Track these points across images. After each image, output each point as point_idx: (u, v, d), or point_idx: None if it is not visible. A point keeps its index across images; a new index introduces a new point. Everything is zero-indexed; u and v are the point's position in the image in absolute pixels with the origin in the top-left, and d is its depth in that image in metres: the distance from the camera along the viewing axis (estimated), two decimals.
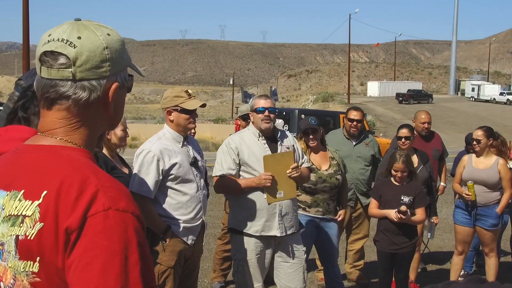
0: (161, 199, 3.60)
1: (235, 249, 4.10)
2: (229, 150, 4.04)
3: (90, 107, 1.27)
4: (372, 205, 4.95)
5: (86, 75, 1.24)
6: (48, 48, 1.24)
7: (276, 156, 4.02)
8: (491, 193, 5.45)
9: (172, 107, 3.65)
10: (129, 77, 1.36)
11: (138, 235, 1.17)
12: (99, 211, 1.14)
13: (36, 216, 1.16)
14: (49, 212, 1.15)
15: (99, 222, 1.14)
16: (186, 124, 3.68)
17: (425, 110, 6.53)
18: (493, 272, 5.58)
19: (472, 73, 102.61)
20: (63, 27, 1.26)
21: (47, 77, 1.25)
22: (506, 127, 32.68)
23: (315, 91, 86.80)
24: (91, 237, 1.13)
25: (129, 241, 1.15)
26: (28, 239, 1.16)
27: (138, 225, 1.19)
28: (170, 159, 3.57)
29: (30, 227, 1.16)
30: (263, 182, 3.91)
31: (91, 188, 1.17)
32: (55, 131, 1.27)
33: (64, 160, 1.22)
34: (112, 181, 1.22)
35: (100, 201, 1.15)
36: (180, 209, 3.62)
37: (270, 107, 4.11)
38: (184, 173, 3.62)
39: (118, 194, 1.19)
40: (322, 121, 16.95)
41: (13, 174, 1.25)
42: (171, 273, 3.58)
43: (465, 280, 0.86)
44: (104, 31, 1.27)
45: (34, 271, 1.17)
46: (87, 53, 1.23)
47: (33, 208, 1.17)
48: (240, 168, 4.06)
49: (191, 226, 3.67)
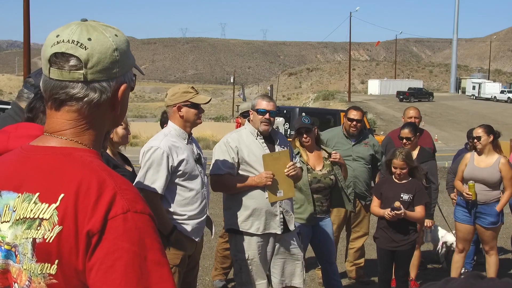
0: (168, 196, 3.61)
1: (237, 249, 4.09)
2: (228, 148, 4.03)
3: (99, 108, 1.27)
4: (374, 203, 4.96)
5: (97, 76, 1.25)
6: (59, 50, 1.23)
7: (274, 155, 4.04)
8: (491, 192, 5.46)
9: (182, 103, 3.67)
10: (134, 76, 1.37)
11: (156, 236, 1.20)
12: (119, 214, 1.16)
13: (55, 219, 1.17)
14: (68, 215, 1.16)
15: (120, 224, 1.15)
16: (196, 119, 3.73)
17: (413, 106, 6.49)
18: (493, 270, 5.60)
19: (473, 71, 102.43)
20: (72, 28, 1.25)
21: (58, 78, 1.24)
22: (506, 125, 32.64)
23: (315, 89, 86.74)
24: (113, 240, 1.14)
25: (148, 242, 1.17)
26: (47, 242, 1.17)
27: (154, 226, 1.22)
28: (178, 156, 3.59)
29: (49, 230, 1.17)
30: (264, 180, 3.93)
31: (109, 190, 1.18)
32: (64, 132, 1.27)
33: (78, 162, 1.23)
34: (127, 183, 1.24)
35: (119, 203, 1.17)
36: (187, 205, 3.63)
37: (272, 110, 4.10)
38: (191, 169, 3.64)
39: (134, 196, 1.21)
40: (322, 119, 17.17)
41: (23, 175, 1.24)
42: (176, 272, 3.59)
43: (465, 276, 0.87)
44: (112, 32, 1.28)
45: (52, 273, 1.18)
46: (98, 55, 1.24)
47: (51, 211, 1.18)
48: (239, 167, 4.05)
49: (198, 222, 3.69)
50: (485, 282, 0.84)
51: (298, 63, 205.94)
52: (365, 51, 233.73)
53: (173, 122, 3.73)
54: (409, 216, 4.71)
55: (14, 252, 1.22)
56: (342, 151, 5.68)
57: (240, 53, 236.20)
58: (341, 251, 6.29)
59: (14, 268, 1.23)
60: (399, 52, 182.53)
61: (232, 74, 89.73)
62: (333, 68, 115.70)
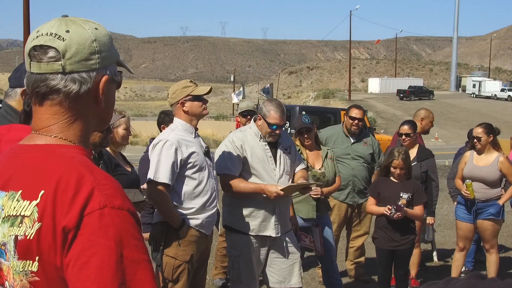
0: (179, 189, 3.61)
1: (231, 246, 4.08)
2: (235, 148, 4.00)
3: (81, 100, 1.27)
4: (370, 202, 4.93)
5: (76, 67, 1.25)
6: (37, 43, 1.25)
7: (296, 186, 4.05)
8: (491, 190, 5.45)
9: (184, 98, 3.68)
10: (119, 72, 1.38)
11: (134, 232, 1.19)
12: (95, 210, 1.15)
13: (35, 216, 1.17)
14: (47, 212, 1.17)
15: (96, 220, 1.15)
16: (201, 110, 3.73)
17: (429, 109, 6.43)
18: (494, 268, 5.59)
19: (473, 69, 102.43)
20: (51, 23, 1.27)
21: (37, 71, 1.25)
22: (507, 123, 32.61)
23: (316, 88, 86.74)
24: (88, 236, 1.14)
25: (125, 238, 1.16)
26: (28, 239, 1.17)
27: (134, 222, 1.20)
28: (188, 148, 3.60)
29: (29, 227, 1.18)
30: (273, 196, 3.87)
31: (86, 186, 1.17)
32: (50, 129, 1.28)
33: (59, 158, 1.23)
34: (108, 179, 1.23)
35: (96, 199, 1.16)
36: (196, 198, 3.63)
37: (282, 124, 4.05)
38: (201, 161, 3.65)
39: (114, 191, 1.20)
40: (323, 118, 17.14)
41: (9, 174, 1.26)
42: (185, 268, 3.59)
43: (466, 276, 0.86)
44: (91, 25, 1.29)
45: (33, 271, 1.18)
46: (76, 46, 1.24)
47: (32, 208, 1.18)
48: (243, 168, 4.02)
49: (208, 215, 3.69)
50: (486, 282, 0.83)
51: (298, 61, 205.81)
52: (366, 50, 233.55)
53: (179, 118, 3.74)
54: (410, 214, 4.71)
55: (4, 250, 1.23)
56: (341, 150, 5.69)
57: (240, 51, 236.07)
58: (341, 250, 6.29)
59: (4, 266, 1.24)
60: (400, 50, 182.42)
61: (232, 73, 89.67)
62: (333, 66, 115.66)
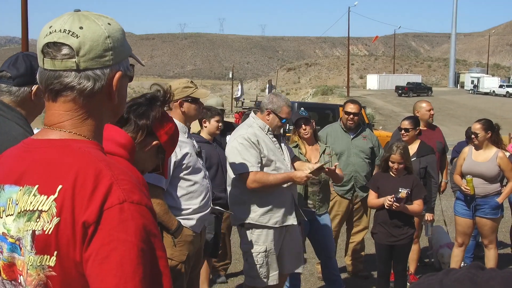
0: (173, 191, 3.59)
1: (254, 242, 4.12)
2: (252, 144, 4.04)
3: (95, 97, 1.27)
4: (371, 196, 4.97)
5: (90, 64, 1.24)
6: (51, 39, 1.24)
7: (319, 169, 4.25)
8: (489, 185, 5.45)
9: (183, 98, 3.64)
10: (131, 66, 1.37)
11: (152, 227, 1.20)
12: (115, 204, 1.16)
13: (53, 211, 1.18)
14: (65, 207, 1.17)
15: (115, 215, 1.15)
16: (197, 114, 3.74)
17: (425, 100, 6.50)
18: (492, 264, 5.61)
19: (472, 65, 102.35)
20: (64, 18, 1.26)
21: (51, 68, 1.24)
22: (505, 120, 32.64)
23: (314, 84, 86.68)
24: (108, 231, 1.14)
25: (145, 233, 1.17)
26: (46, 234, 1.18)
27: (152, 217, 1.22)
28: (181, 149, 3.56)
29: (48, 222, 1.18)
30: (303, 180, 4.10)
31: (105, 181, 1.18)
32: (63, 124, 1.27)
33: (76, 153, 1.23)
34: (125, 174, 1.23)
35: (115, 194, 1.17)
36: (191, 199, 3.62)
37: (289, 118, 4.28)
38: (194, 162, 3.63)
39: (132, 186, 1.21)
40: (321, 114, 17.14)
41: (24, 168, 1.25)
42: (182, 268, 3.58)
43: (466, 267, 0.87)
44: (104, 20, 1.28)
45: (51, 265, 1.18)
46: (90, 43, 1.23)
47: (49, 203, 1.18)
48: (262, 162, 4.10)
49: (202, 215, 3.68)
50: (486, 272, 0.84)
51: (296, 58, 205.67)
52: (364, 46, 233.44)
53: (174, 117, 3.69)
54: (409, 210, 4.72)
55: (18, 245, 1.23)
56: (341, 146, 5.69)
57: (239, 48, 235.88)
58: (341, 246, 6.29)
59: (19, 260, 1.24)
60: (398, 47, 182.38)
61: (231, 70, 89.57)
62: (332, 63, 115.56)
